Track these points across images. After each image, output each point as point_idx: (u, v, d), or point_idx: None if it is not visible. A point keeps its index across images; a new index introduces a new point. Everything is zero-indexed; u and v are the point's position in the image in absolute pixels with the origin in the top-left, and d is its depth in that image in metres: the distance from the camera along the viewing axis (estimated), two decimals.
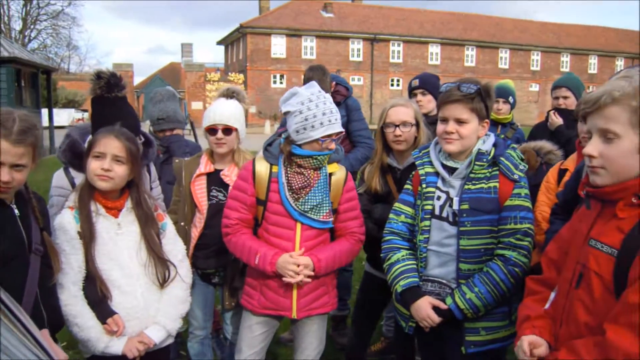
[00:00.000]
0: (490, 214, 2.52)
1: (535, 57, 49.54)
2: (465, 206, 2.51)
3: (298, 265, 2.74)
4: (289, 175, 2.80)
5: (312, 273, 2.78)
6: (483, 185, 2.54)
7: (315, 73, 4.22)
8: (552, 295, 2.00)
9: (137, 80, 57.21)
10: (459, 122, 2.52)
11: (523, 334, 1.94)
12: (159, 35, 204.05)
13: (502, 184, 2.53)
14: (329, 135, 2.74)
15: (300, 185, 2.78)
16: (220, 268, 3.29)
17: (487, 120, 2.61)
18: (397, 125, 3.16)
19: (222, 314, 3.50)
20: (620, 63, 51.86)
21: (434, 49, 46.00)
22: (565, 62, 50.75)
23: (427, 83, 4.20)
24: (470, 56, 47.13)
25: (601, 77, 49.88)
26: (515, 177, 2.53)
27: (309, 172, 2.80)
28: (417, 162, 2.74)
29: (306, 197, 2.78)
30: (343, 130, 2.85)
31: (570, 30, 53.72)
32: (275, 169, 2.84)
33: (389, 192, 3.26)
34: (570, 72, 5.28)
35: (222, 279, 3.32)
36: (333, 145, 2.79)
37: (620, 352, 1.51)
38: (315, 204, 2.79)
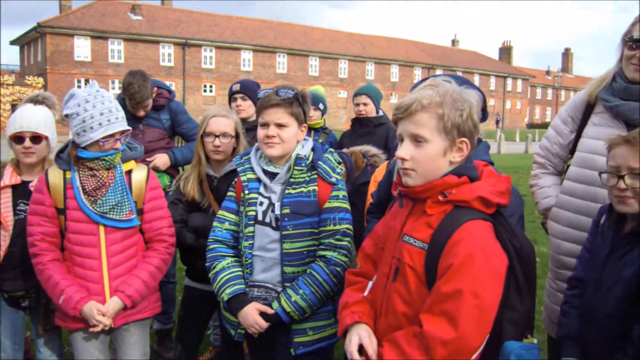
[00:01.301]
0: (310, 216, 2.58)
1: (343, 66, 52.38)
2: (287, 210, 2.55)
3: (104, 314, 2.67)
4: (82, 178, 2.70)
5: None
6: (303, 189, 2.59)
7: (135, 78, 4.05)
8: (370, 283, 2.08)
9: None
10: (280, 126, 2.55)
11: (344, 321, 1.99)
12: None
13: (320, 187, 2.60)
14: (112, 135, 2.66)
15: (94, 186, 2.69)
16: (31, 290, 3.03)
17: (305, 124, 2.68)
18: (217, 136, 3.14)
19: (33, 340, 3.22)
20: (418, 72, 56.84)
21: (247, 56, 46.54)
22: (370, 70, 54.39)
23: (247, 88, 4.24)
24: (281, 63, 48.40)
25: (402, 85, 54.27)
26: (333, 180, 2.61)
27: (101, 172, 2.71)
28: (238, 169, 2.72)
29: (103, 198, 2.69)
30: (129, 128, 2.76)
31: (374, 41, 57.76)
32: (69, 174, 2.72)
33: (207, 200, 3.22)
34: (369, 82, 5.69)
35: (34, 301, 3.06)
36: (119, 145, 2.72)
37: (437, 340, 1.64)
38: (114, 203, 2.71)
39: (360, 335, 1.91)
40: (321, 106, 5.11)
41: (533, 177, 3.00)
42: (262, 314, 2.54)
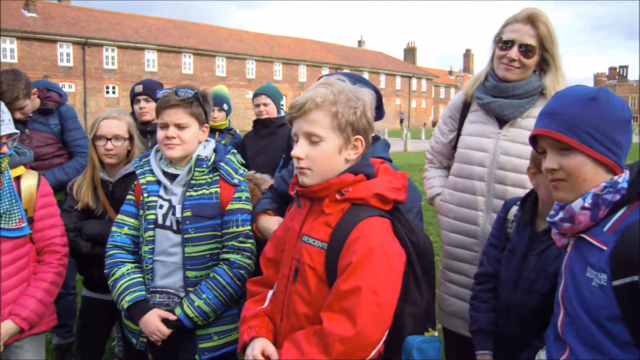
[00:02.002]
0: (213, 219, 2.53)
1: (251, 66, 52.00)
2: (188, 213, 2.49)
3: None
4: None
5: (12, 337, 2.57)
6: (205, 191, 2.54)
7: (5, 76, 3.76)
8: (270, 293, 2.06)
9: None
10: (180, 127, 2.50)
11: (242, 338, 1.97)
12: None
13: (223, 188, 2.56)
14: None
15: None
16: None
17: (206, 125, 2.62)
18: (109, 139, 3.02)
19: None
20: (325, 72, 56.68)
21: (151, 56, 45.23)
22: (278, 70, 54.38)
23: (150, 89, 4.08)
24: (187, 64, 47.42)
25: (310, 85, 53.85)
26: (235, 181, 2.58)
27: None
28: (137, 172, 2.64)
29: None
30: (16, 131, 2.61)
31: (282, 42, 57.87)
32: None
33: (101, 206, 3.09)
34: (268, 82, 5.40)
35: None
36: (5, 149, 2.56)
37: (337, 337, 1.64)
38: (2, 211, 2.53)
39: (260, 347, 1.88)
40: (225, 107, 5.02)
41: (424, 171, 3.14)
42: (165, 321, 2.48)
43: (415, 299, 1.83)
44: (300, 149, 1.84)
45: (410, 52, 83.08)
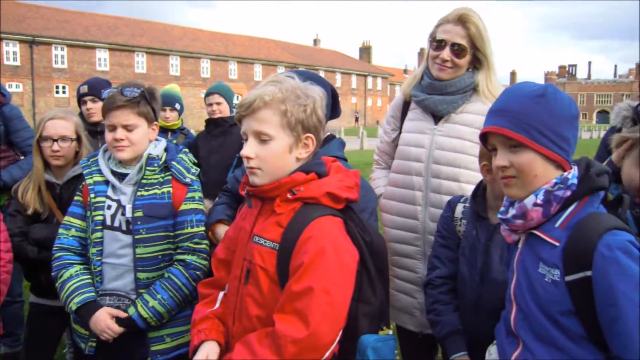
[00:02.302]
0: (165, 219, 2.49)
1: (205, 65, 51.37)
2: (139, 213, 2.45)
3: None
4: None
5: None
6: (157, 190, 2.50)
7: None
8: (220, 294, 2.02)
9: None
10: (128, 128, 2.44)
11: (192, 342, 1.93)
12: None
13: (175, 188, 2.52)
14: None
15: None
16: None
17: (156, 123, 2.57)
18: (55, 140, 2.92)
19: None
20: (281, 71, 57.29)
21: (102, 55, 44.16)
22: (233, 69, 53.92)
23: (96, 89, 3.96)
24: (140, 62, 46.50)
25: None
26: (188, 180, 2.54)
27: None
28: (84, 172, 2.58)
29: None
30: None
31: (236, 40, 57.48)
32: None
33: (48, 209, 3.00)
34: (219, 81, 5.29)
35: None
36: None
37: (289, 339, 1.61)
38: None
39: (205, 352, 1.87)
40: (177, 106, 4.95)
41: (371, 172, 3.17)
42: (116, 319, 2.43)
43: (369, 298, 1.83)
44: (249, 149, 1.80)
45: (365, 50, 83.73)
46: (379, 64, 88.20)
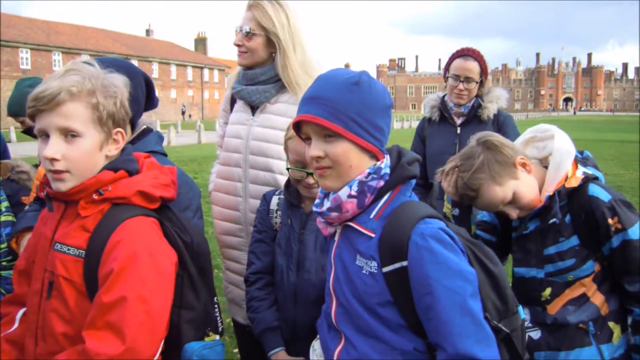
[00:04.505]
0: None
1: (25, 55, 47.44)
2: None
3: None
4: None
5: None
6: None
7: None
8: (20, 312, 1.77)
9: None
10: None
11: None
12: None
13: None
14: None
15: None
16: None
17: None
18: None
19: None
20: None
21: None
22: (58, 60, 50.39)
23: None
24: None
25: None
26: None
27: None
28: None
29: None
30: None
31: (60, 29, 53.58)
32: None
33: None
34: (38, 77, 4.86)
35: None
36: None
37: (103, 357, 1.42)
38: None
39: None
40: None
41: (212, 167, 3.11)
42: None
43: (192, 302, 1.71)
44: (53, 149, 1.55)
45: (201, 42, 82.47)
46: (215, 56, 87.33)
